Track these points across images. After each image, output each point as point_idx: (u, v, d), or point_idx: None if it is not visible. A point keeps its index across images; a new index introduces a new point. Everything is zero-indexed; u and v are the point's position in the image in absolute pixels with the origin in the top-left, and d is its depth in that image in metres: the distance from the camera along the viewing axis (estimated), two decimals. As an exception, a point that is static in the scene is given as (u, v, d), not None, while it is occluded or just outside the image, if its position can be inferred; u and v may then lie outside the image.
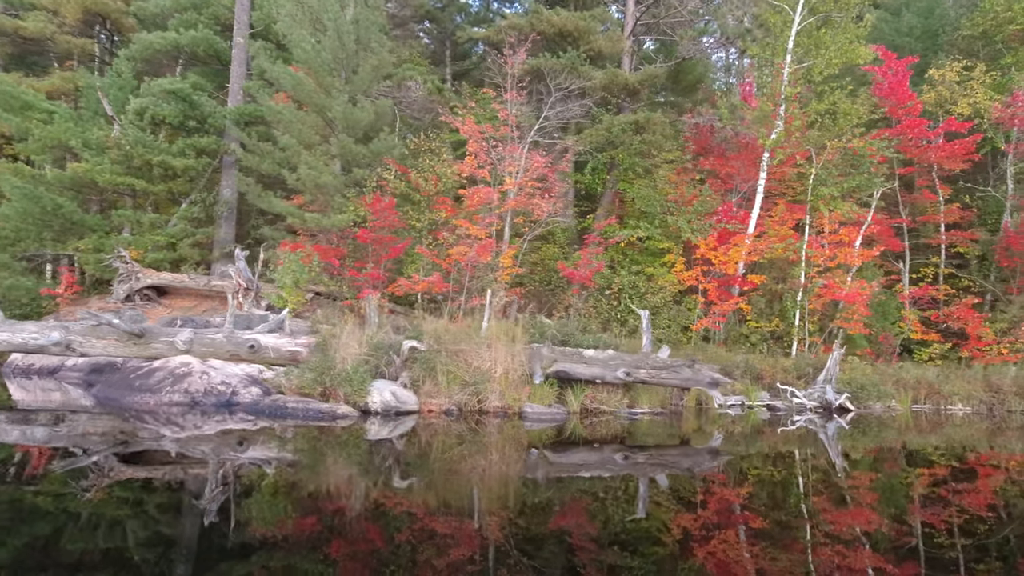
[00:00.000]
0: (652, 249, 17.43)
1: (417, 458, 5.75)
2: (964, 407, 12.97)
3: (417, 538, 3.55)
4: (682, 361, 8.41)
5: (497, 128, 16.04)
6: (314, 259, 11.28)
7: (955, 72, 18.75)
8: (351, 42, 12.98)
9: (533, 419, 7.42)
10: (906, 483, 6.09)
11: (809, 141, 15.61)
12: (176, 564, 3.09)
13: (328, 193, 12.35)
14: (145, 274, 13.44)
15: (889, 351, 16.79)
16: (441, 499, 4.44)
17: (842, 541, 3.91)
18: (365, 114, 12.83)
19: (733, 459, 6.97)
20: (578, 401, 8.00)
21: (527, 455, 6.28)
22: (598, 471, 5.62)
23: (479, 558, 3.29)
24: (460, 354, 7.59)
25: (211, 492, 4.27)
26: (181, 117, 14.19)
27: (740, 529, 4.13)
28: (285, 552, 3.29)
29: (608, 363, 8.05)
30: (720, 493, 5.16)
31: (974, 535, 4.23)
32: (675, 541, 3.78)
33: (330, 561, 3.19)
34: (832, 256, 15.63)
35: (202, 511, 3.84)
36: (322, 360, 7.23)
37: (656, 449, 7.44)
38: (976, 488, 5.89)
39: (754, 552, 3.65)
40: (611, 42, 20.48)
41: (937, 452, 8.00)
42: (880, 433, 9.49)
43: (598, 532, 3.83)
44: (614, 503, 4.59)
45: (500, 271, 14.54)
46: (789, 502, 4.99)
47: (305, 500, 4.23)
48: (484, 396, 7.48)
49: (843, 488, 5.62)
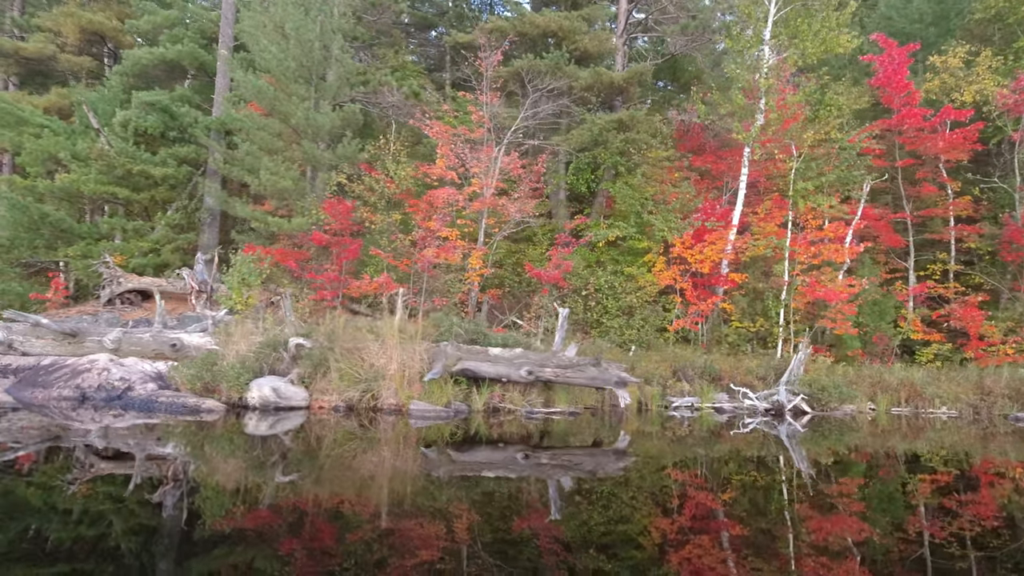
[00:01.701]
0: (633, 249, 17.16)
1: (281, 454, 5.82)
2: (949, 410, 12.24)
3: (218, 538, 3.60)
4: (587, 360, 8.22)
5: (473, 130, 16.12)
6: (266, 261, 11.57)
7: (958, 58, 17.79)
8: (317, 50, 13.28)
9: (417, 416, 7.39)
10: (797, 487, 5.82)
11: (789, 135, 15.08)
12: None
13: (290, 197, 12.65)
14: (127, 279, 14.03)
15: (885, 352, 16.01)
16: (259, 496, 4.47)
17: (686, 545, 3.77)
18: (328, 120, 13.10)
19: (636, 462, 6.80)
20: (483, 399, 7.93)
21: (409, 453, 6.27)
22: (487, 471, 5.54)
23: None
24: (356, 351, 7.65)
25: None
26: (162, 127, 14.82)
27: (584, 532, 4.01)
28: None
29: (513, 361, 7.93)
30: (593, 495, 5.02)
31: (826, 550, 4.01)
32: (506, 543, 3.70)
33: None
34: (817, 253, 15.04)
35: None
36: (206, 357, 7.42)
37: (561, 450, 7.31)
38: (862, 497, 5.59)
39: (595, 556, 3.54)
40: (598, 41, 20.31)
41: (868, 458, 7.62)
42: (827, 437, 9.07)
43: (439, 532, 3.78)
44: (484, 503, 4.52)
45: (470, 272, 14.58)
46: (665, 506, 4.82)
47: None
48: (378, 393, 7.52)
49: (723, 493, 5.41)
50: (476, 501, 4.58)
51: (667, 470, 6.29)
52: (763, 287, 15.33)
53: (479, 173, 14.51)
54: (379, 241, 12.86)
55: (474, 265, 14.41)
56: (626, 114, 18.39)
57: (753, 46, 14.35)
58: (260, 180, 12.15)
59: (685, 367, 11.01)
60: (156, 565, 3.13)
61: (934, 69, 18.34)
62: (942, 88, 18.25)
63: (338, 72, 13.35)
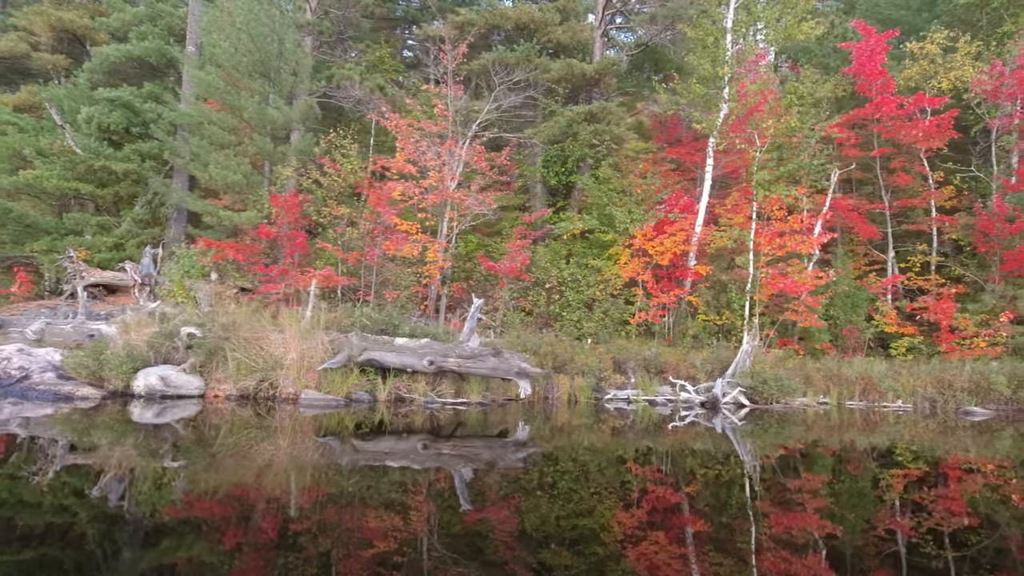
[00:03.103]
0: (600, 241, 17.00)
1: (156, 441, 5.84)
2: (904, 404, 11.96)
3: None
4: (488, 350, 8.12)
5: (436, 123, 16.06)
6: (209, 255, 11.63)
7: (936, 44, 17.32)
8: (270, 44, 13.31)
9: (306, 405, 7.37)
10: (686, 479, 5.72)
11: (753, 124, 14.79)
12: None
13: (243, 191, 12.71)
14: (90, 273, 14.21)
15: (856, 345, 15.70)
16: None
17: (544, 538, 3.71)
18: (281, 114, 13.12)
19: (534, 454, 6.72)
20: (387, 389, 7.89)
21: (300, 441, 6.24)
22: (382, 460, 5.51)
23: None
24: (256, 341, 7.66)
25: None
26: (125, 124, 14.97)
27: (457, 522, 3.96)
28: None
29: (417, 351, 7.86)
30: (478, 485, 4.96)
31: (682, 541, 3.93)
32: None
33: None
34: (782, 244, 14.76)
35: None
36: (94, 345, 7.48)
37: (462, 440, 7.26)
38: (725, 491, 5.48)
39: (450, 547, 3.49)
40: (572, 33, 20.12)
41: (785, 454, 7.48)
42: (755, 432, 8.90)
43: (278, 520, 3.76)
44: (366, 491, 4.49)
45: (428, 266, 14.55)
46: (549, 495, 4.74)
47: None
48: (276, 382, 7.52)
49: (603, 484, 5.33)
50: (358, 489, 4.52)
51: (560, 463, 6.21)
52: (727, 279, 15.09)
53: (436, 166, 14.44)
54: (328, 235, 12.88)
55: (432, 258, 14.37)
56: (597, 106, 18.21)
57: (712, 34, 14.09)
58: (210, 174, 12.21)
59: (627, 360, 10.87)
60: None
61: (913, 56, 17.88)
62: (923, 75, 17.79)
63: (292, 66, 13.35)
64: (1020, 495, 5.19)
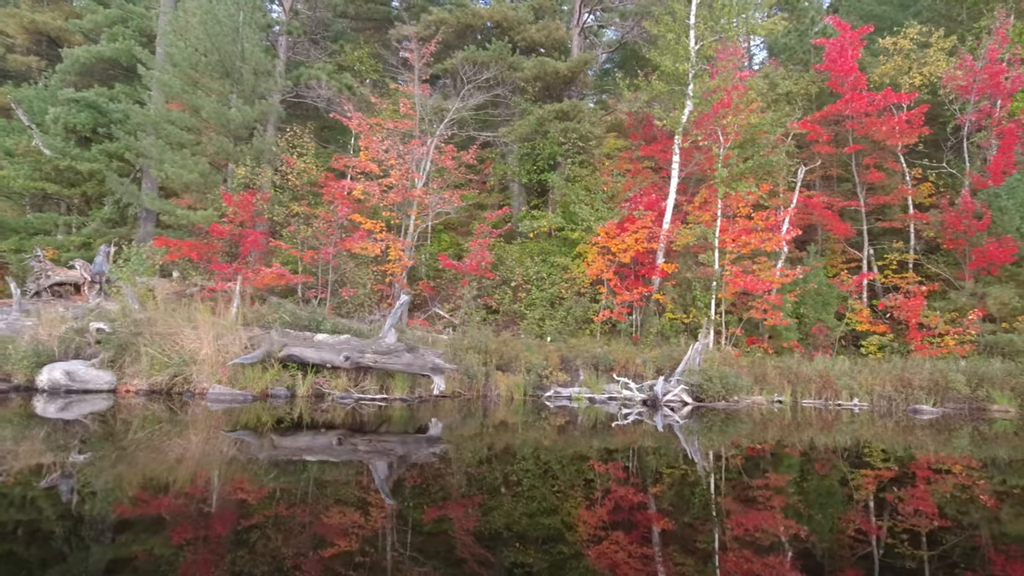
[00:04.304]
0: (568, 239, 16.94)
1: (49, 433, 5.86)
2: (861, 403, 11.82)
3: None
4: (403, 346, 8.10)
5: (402, 122, 16.08)
6: (159, 253, 11.70)
7: (909, 40, 17.13)
8: (230, 44, 13.37)
9: (213, 399, 7.36)
10: (571, 476, 5.66)
11: (718, 121, 14.68)
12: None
13: (199, 190, 12.77)
14: (54, 271, 14.33)
15: (825, 343, 15.53)
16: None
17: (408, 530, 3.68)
18: (240, 114, 13.17)
19: (447, 449, 6.70)
20: (307, 385, 7.88)
21: (203, 436, 6.24)
22: (293, 455, 5.51)
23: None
24: (171, 336, 7.67)
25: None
26: (92, 124, 15.10)
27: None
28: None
29: (335, 347, 7.85)
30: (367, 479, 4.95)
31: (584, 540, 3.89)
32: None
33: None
34: (747, 242, 14.63)
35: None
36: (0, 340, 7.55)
37: (379, 436, 7.25)
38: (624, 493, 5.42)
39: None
40: (547, 31, 20.05)
41: (706, 453, 7.39)
42: (692, 429, 8.82)
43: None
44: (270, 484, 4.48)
45: (390, 264, 14.56)
46: (441, 489, 4.72)
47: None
48: (190, 377, 7.53)
49: (506, 476, 5.30)
50: (257, 482, 4.50)
51: (468, 457, 6.18)
52: (691, 277, 14.98)
53: (398, 165, 14.45)
54: (283, 233, 12.93)
55: (394, 257, 14.39)
56: (568, 104, 18.14)
57: (673, 30, 14.00)
58: (166, 173, 12.28)
59: (576, 357, 10.81)
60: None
61: (887, 52, 17.69)
62: (898, 71, 17.60)
63: (253, 66, 13.40)
64: (920, 491, 5.10)
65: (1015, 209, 13.69)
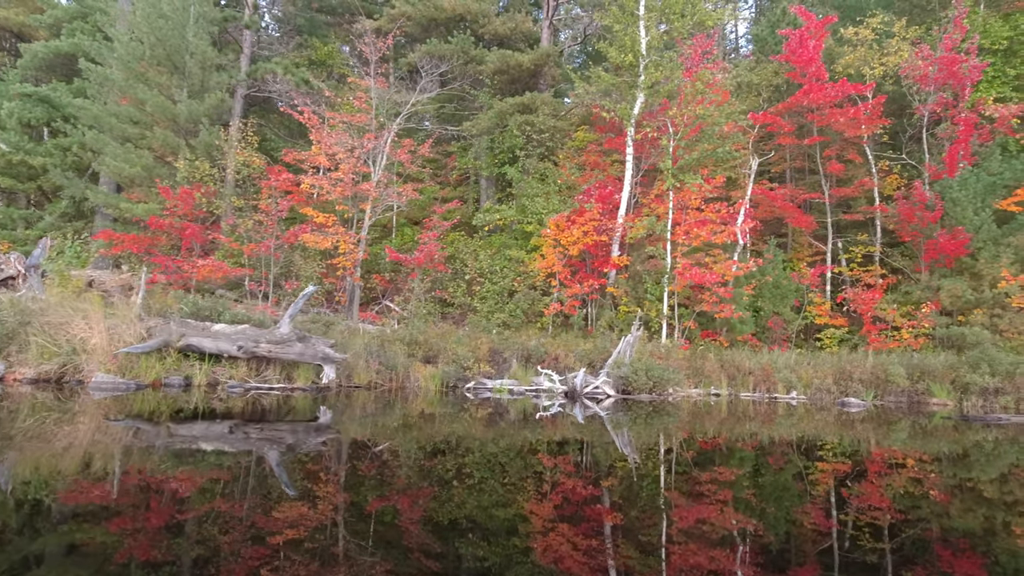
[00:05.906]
0: (523, 232, 16.91)
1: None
2: (800, 396, 11.73)
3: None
4: (294, 336, 8.11)
5: (356, 116, 16.07)
6: (94, 246, 11.77)
7: (872, 30, 16.92)
8: (175, 38, 13.39)
9: (95, 388, 7.39)
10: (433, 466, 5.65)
11: (669, 113, 14.58)
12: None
13: (142, 184, 12.83)
14: (8, 265, 14.47)
15: (781, 336, 15.42)
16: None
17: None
18: (185, 108, 13.21)
19: (334, 438, 6.72)
20: (204, 374, 7.91)
21: (86, 424, 6.27)
22: (176, 444, 5.55)
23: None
24: (62, 326, 7.72)
25: None
26: (47, 118, 15.21)
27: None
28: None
29: (232, 337, 7.88)
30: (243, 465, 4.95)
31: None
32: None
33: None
34: (698, 235, 14.52)
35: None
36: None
37: (269, 424, 7.28)
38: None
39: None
40: (513, 24, 19.97)
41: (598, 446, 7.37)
42: (612, 422, 8.79)
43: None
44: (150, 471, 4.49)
45: (340, 258, 14.58)
46: (306, 476, 4.73)
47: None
48: (80, 366, 7.59)
49: (378, 464, 5.29)
50: (135, 466, 4.52)
51: (352, 445, 6.19)
52: (642, 270, 14.92)
53: (347, 159, 14.45)
54: (223, 226, 12.96)
55: (344, 250, 14.40)
56: (528, 97, 18.07)
57: (621, 21, 13.89)
58: (107, 166, 12.35)
59: (506, 349, 10.80)
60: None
61: (851, 42, 17.48)
62: (862, 61, 17.38)
63: (200, 60, 13.43)
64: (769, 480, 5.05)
65: (967, 201, 13.51)
